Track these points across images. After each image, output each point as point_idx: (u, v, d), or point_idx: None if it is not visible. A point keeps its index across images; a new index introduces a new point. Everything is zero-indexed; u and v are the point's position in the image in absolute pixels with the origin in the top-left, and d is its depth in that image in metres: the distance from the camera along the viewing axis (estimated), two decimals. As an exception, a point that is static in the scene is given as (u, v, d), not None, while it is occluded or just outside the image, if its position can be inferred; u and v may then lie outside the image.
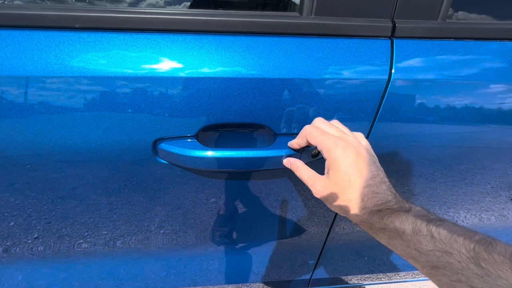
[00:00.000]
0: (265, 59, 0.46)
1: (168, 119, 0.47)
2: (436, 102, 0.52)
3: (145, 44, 0.44)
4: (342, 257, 0.83)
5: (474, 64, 0.51)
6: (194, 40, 0.45)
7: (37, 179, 0.51)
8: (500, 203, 0.74)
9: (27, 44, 0.42)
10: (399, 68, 0.49)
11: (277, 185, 0.59)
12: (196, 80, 0.45)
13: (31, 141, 0.45)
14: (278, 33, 0.47)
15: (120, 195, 0.56)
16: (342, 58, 0.48)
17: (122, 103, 0.45)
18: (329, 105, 0.50)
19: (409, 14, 0.49)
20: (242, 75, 0.46)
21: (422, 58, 0.50)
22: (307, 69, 0.47)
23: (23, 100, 0.43)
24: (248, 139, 0.52)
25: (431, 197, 0.69)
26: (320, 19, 0.47)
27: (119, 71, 0.43)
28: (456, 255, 0.30)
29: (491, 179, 0.67)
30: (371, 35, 0.49)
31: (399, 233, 0.36)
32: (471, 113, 0.54)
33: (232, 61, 0.46)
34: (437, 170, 0.63)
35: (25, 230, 0.59)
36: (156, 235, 0.66)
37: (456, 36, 0.50)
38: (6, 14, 0.41)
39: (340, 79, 0.48)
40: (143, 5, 0.58)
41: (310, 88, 0.48)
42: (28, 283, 0.69)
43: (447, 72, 0.51)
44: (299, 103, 0.49)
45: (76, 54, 0.42)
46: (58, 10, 0.42)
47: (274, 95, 0.47)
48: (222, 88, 0.46)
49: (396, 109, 0.51)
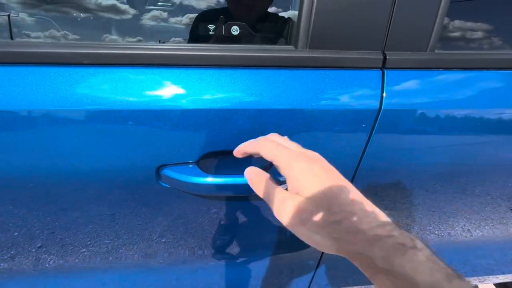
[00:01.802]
0: (263, 90, 0.49)
1: (170, 146, 0.49)
2: (425, 125, 0.55)
3: (150, 79, 0.47)
4: (341, 265, 0.85)
5: (464, 92, 0.54)
6: (194, 73, 0.48)
7: (43, 200, 0.53)
8: (500, 212, 0.76)
9: (38, 79, 0.44)
10: (390, 96, 0.51)
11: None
12: (197, 111, 0.47)
13: (47, 167, 0.48)
14: (274, 66, 0.50)
15: (124, 212, 0.58)
16: (337, 88, 0.51)
17: (130, 131, 0.47)
18: (326, 133, 0.52)
19: (399, 46, 0.51)
20: (240, 105, 0.48)
21: (412, 87, 0.53)
22: (303, 99, 0.50)
23: (38, 132, 0.46)
24: (246, 165, 0.55)
25: (431, 207, 0.71)
26: (315, 52, 0.50)
27: (125, 104, 0.46)
28: None
29: (491, 190, 0.69)
30: (363, 67, 0.51)
31: (409, 283, 0.26)
32: (457, 134, 0.56)
33: (231, 92, 0.48)
34: (437, 182, 0.65)
35: (28, 239, 0.62)
36: (158, 245, 0.68)
37: (444, 66, 0.53)
38: (18, 52, 0.44)
39: (335, 108, 0.51)
40: (147, 18, 0.60)
41: (306, 117, 0.51)
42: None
43: (435, 99, 0.53)
44: (295, 132, 0.51)
45: (83, 88, 0.45)
46: (67, 48, 0.45)
47: (270, 124, 0.50)
48: (221, 118, 0.48)
49: (388, 134, 0.54)
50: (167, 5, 0.54)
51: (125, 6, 0.53)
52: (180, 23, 0.54)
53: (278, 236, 0.71)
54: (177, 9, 0.54)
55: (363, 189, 0.59)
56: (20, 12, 0.51)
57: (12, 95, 0.44)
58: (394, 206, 0.68)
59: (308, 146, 0.49)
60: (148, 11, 0.54)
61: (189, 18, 0.53)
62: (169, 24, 0.54)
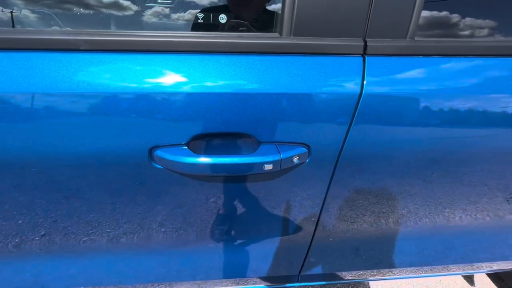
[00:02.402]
0: (249, 75, 0.52)
1: (162, 128, 0.52)
2: (406, 111, 0.57)
3: (143, 63, 0.50)
4: (331, 253, 0.88)
5: (439, 77, 0.56)
6: (185, 59, 0.51)
7: (44, 181, 0.57)
8: (496, 203, 0.77)
9: (38, 64, 0.48)
10: (370, 81, 0.54)
11: (264, 187, 0.65)
12: (187, 94, 0.51)
13: (39, 147, 0.51)
14: (260, 52, 0.52)
15: (122, 195, 0.62)
16: (319, 73, 0.53)
17: (122, 114, 0.51)
18: (308, 116, 0.55)
19: (380, 34, 0.54)
20: (229, 89, 0.51)
21: (393, 73, 0.55)
22: (287, 84, 0.53)
23: (33, 113, 0.49)
24: (234, 146, 0.58)
25: (427, 197, 0.72)
26: (298, 39, 0.53)
27: (119, 88, 0.49)
28: None
29: (488, 180, 0.70)
30: (345, 53, 0.54)
31: None
32: (440, 120, 0.58)
33: (220, 77, 0.51)
34: (434, 171, 0.66)
35: (32, 227, 0.65)
36: (158, 232, 0.72)
37: (423, 53, 0.55)
38: (19, 38, 0.47)
39: (317, 93, 0.53)
40: (148, 13, 0.64)
41: (289, 101, 0.53)
42: (35, 279, 0.75)
43: (415, 85, 0.56)
44: (280, 114, 0.54)
45: (81, 73, 0.48)
46: (64, 35, 0.48)
47: (257, 107, 0.53)
48: (210, 101, 0.51)
49: (368, 120, 0.56)
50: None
51: None
52: (170, 11, 0.57)
53: (270, 219, 0.73)
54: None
55: (351, 176, 0.61)
56: (22, 8, 0.55)
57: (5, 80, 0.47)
58: (390, 196, 0.70)
59: (291, 130, 0.51)
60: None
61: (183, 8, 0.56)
62: (159, 12, 0.57)
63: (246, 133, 0.55)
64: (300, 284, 0.94)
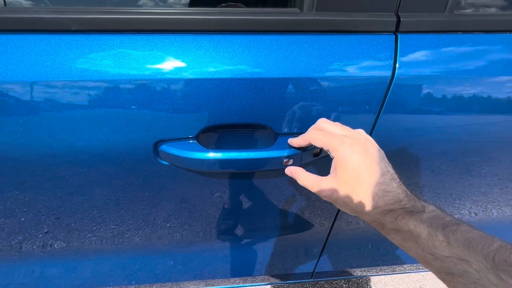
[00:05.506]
0: (265, 58, 0.45)
1: (167, 120, 0.46)
2: (441, 97, 0.51)
3: (144, 45, 0.43)
4: (346, 249, 0.84)
5: (483, 57, 0.50)
6: (192, 40, 0.44)
7: (46, 178, 0.51)
8: (507, 194, 0.73)
9: (30, 48, 0.41)
10: (404, 63, 0.47)
11: (279, 182, 0.59)
12: (194, 81, 0.44)
13: (39, 142, 0.46)
14: (278, 30, 0.46)
15: (126, 192, 0.56)
16: (345, 55, 0.47)
17: (123, 105, 0.44)
18: (331, 104, 0.49)
19: (415, 7, 0.47)
20: (242, 75, 0.45)
21: (428, 52, 0.48)
22: (308, 68, 0.46)
23: (27, 104, 0.43)
24: (249, 139, 0.52)
25: (437, 189, 0.68)
26: (322, 15, 0.46)
27: (120, 74, 0.43)
28: (474, 264, 0.29)
29: (499, 171, 0.66)
30: (375, 31, 0.47)
31: (413, 236, 0.34)
32: (478, 106, 0.52)
33: (231, 60, 0.45)
34: (443, 163, 0.62)
35: (35, 225, 0.61)
36: (163, 229, 0.67)
37: (464, 29, 0.48)
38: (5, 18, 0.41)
39: (342, 77, 0.47)
40: (141, 3, 0.57)
41: (311, 87, 0.47)
42: (39, 277, 0.72)
43: (454, 66, 0.49)
44: (300, 102, 0.48)
45: (75, 57, 0.42)
46: (54, 13, 0.41)
47: (274, 95, 0.47)
48: (221, 88, 0.45)
49: (400, 105, 0.50)
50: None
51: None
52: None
53: (283, 218, 0.68)
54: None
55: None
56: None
57: None
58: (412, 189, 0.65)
59: (311, 120, 0.45)
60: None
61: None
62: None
63: (262, 124, 0.49)
64: (311, 280, 0.91)
